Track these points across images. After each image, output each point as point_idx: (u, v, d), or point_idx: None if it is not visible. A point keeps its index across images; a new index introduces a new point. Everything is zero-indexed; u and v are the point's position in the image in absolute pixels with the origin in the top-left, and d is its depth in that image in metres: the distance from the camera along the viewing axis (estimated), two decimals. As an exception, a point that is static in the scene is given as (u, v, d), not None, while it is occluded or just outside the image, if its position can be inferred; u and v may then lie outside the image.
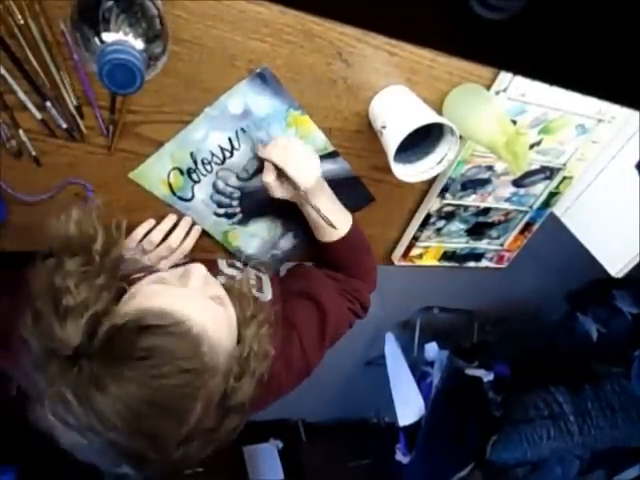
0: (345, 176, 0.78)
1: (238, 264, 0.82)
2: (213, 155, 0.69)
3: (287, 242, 0.84)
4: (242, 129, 0.68)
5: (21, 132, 0.60)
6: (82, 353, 0.48)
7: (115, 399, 0.47)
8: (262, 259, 0.83)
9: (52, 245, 0.55)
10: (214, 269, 0.77)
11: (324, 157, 0.75)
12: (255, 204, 0.77)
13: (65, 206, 0.56)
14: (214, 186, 0.72)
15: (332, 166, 0.77)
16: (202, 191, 0.72)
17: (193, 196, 0.72)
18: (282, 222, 0.81)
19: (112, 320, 0.50)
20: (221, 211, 0.75)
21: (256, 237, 0.81)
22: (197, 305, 0.54)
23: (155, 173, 0.68)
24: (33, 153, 0.62)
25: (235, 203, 0.76)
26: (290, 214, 0.79)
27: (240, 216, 0.77)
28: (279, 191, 0.71)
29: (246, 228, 0.79)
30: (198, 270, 0.58)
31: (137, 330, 0.48)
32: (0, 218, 0.66)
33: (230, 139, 0.68)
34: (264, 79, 0.63)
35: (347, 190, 0.79)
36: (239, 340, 0.59)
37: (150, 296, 0.54)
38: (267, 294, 0.79)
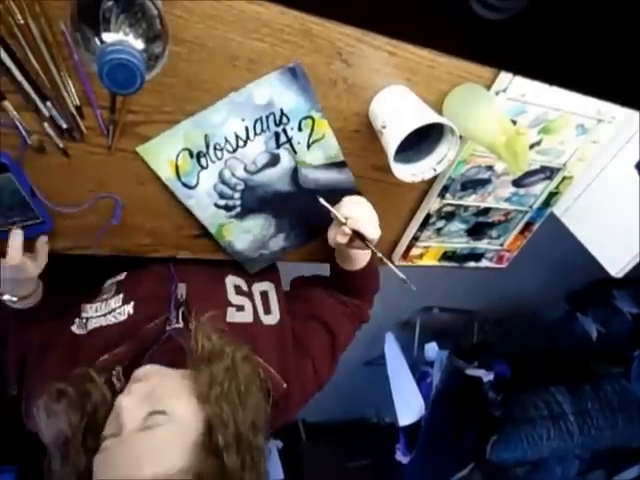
0: (347, 187, 0.79)
1: (244, 287, 0.81)
2: (227, 141, 0.68)
3: (276, 243, 0.84)
4: (261, 119, 0.67)
5: (45, 125, 0.60)
6: None
7: None
8: (250, 256, 0.83)
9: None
10: (222, 300, 0.76)
11: (332, 165, 0.75)
12: (256, 199, 0.76)
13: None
14: (220, 175, 0.71)
15: (337, 175, 0.77)
16: (207, 179, 0.71)
17: (197, 183, 0.70)
18: (276, 222, 0.81)
19: None
20: (222, 202, 0.74)
21: (249, 234, 0.80)
22: (134, 458, 0.53)
23: (165, 150, 0.66)
24: (60, 145, 0.62)
25: (237, 195, 0.75)
26: (286, 215, 0.80)
27: (239, 209, 0.76)
28: (341, 240, 0.72)
29: (242, 223, 0.78)
30: (125, 401, 0.56)
31: None
32: (47, 228, 0.69)
33: (247, 128, 0.67)
34: (295, 75, 0.63)
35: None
36: (208, 424, 0.57)
37: (96, 475, 0.55)
38: (275, 314, 0.80)
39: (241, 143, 0.69)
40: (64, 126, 0.60)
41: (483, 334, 2.33)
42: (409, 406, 1.90)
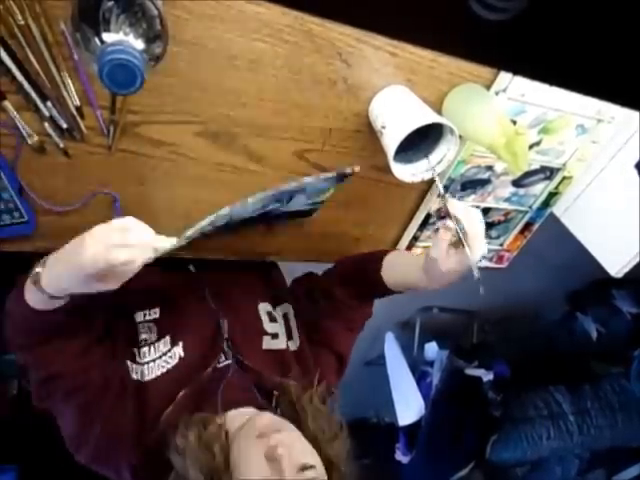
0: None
1: (273, 312, 0.82)
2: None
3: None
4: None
5: (46, 125, 0.60)
6: None
7: None
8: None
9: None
10: (259, 331, 0.78)
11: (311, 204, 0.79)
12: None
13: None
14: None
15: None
16: None
17: None
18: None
19: None
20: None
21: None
22: None
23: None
24: (60, 145, 0.62)
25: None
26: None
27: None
28: (447, 260, 0.63)
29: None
30: (283, 451, 0.56)
31: None
32: (30, 228, 0.68)
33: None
34: (342, 180, 0.73)
35: None
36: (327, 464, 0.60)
37: None
38: (296, 339, 0.81)
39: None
40: (64, 126, 0.61)
41: (483, 334, 2.33)
42: (409, 406, 1.90)
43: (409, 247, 0.93)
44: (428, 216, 0.88)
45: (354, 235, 0.91)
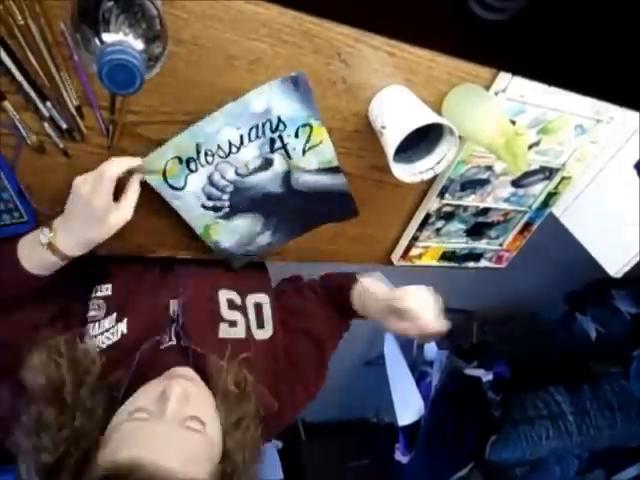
0: (338, 190, 0.79)
1: (237, 300, 0.81)
2: (219, 148, 0.67)
3: (262, 239, 0.82)
4: (257, 127, 0.66)
5: (46, 125, 0.60)
6: None
7: None
8: (235, 253, 0.82)
9: (29, 394, 0.56)
10: (214, 317, 0.76)
11: (326, 170, 0.75)
12: (245, 200, 0.75)
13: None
14: (209, 178, 0.70)
15: (331, 180, 0.77)
16: (195, 181, 0.69)
17: (185, 185, 0.69)
18: (264, 221, 0.80)
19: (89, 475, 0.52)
20: (209, 204, 0.73)
21: (236, 233, 0.79)
22: (172, 447, 0.53)
23: (155, 162, 0.66)
24: (60, 145, 0.62)
25: (225, 197, 0.73)
26: (274, 214, 0.79)
27: (227, 210, 0.75)
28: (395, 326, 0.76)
29: (229, 223, 0.77)
30: (177, 388, 0.57)
31: None
32: (30, 228, 0.67)
33: (242, 136, 0.67)
34: (296, 84, 0.63)
35: (335, 202, 0.80)
36: (223, 455, 0.59)
37: (123, 441, 0.53)
38: (268, 328, 0.80)
39: (234, 149, 0.68)
40: (64, 126, 0.61)
41: (482, 334, 2.33)
42: (408, 406, 1.90)
43: (408, 247, 0.93)
44: (428, 216, 0.88)
45: (354, 235, 0.91)
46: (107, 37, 0.47)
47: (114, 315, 0.70)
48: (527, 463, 1.90)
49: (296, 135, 0.69)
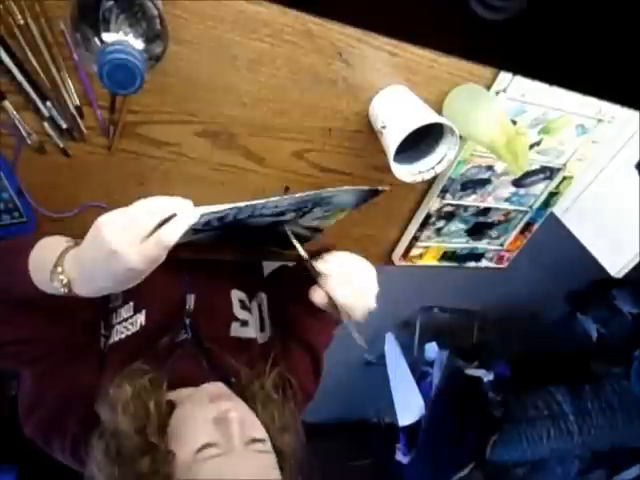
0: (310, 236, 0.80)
1: (247, 301, 0.81)
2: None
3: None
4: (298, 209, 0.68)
5: (46, 125, 0.60)
6: None
7: None
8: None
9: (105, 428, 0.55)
10: (227, 314, 0.76)
11: (312, 229, 0.77)
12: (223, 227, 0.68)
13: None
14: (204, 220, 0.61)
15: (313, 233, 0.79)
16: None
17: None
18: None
19: None
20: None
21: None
22: (255, 474, 0.54)
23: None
24: (60, 145, 0.62)
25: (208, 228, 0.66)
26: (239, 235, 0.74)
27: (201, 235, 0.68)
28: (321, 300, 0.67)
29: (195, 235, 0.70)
30: (233, 413, 0.56)
31: None
32: (30, 229, 0.67)
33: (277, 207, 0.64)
34: (365, 200, 0.73)
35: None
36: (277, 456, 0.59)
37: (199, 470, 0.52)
38: (267, 331, 0.80)
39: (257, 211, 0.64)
40: (64, 126, 0.61)
41: (483, 334, 2.33)
42: (409, 406, 1.90)
43: (409, 247, 0.93)
44: (429, 216, 0.88)
45: (354, 235, 0.91)
46: (107, 37, 0.47)
47: (131, 304, 0.71)
48: (528, 463, 1.90)
49: (320, 214, 0.73)
